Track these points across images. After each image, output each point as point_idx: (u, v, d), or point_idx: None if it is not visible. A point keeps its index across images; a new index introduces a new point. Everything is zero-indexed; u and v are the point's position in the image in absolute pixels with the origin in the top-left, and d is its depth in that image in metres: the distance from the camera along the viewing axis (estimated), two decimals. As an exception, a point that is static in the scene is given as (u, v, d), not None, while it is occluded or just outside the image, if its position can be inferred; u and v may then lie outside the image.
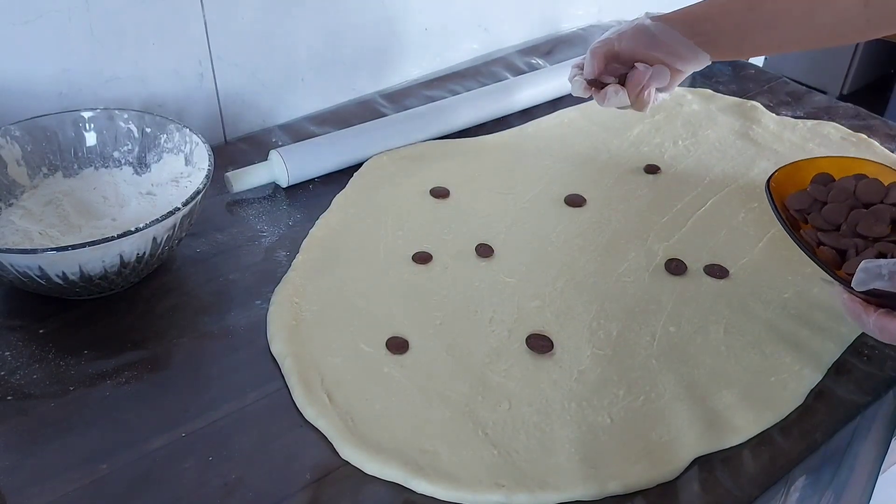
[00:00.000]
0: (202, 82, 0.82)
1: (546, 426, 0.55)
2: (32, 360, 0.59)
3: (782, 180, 0.67)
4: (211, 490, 0.51)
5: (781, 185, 0.66)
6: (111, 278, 0.61)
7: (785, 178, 0.67)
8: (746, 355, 0.60)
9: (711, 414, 0.56)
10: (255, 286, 0.66)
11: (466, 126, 0.86)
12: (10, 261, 0.56)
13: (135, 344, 0.61)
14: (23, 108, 0.71)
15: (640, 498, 0.51)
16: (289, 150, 0.77)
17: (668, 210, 0.75)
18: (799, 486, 0.58)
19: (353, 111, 0.90)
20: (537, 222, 0.73)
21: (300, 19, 0.85)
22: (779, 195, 0.65)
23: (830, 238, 0.61)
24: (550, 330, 0.62)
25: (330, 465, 0.53)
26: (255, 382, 0.58)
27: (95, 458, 0.52)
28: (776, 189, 0.65)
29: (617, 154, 0.83)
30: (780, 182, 0.66)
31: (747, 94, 0.95)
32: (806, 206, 0.65)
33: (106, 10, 0.73)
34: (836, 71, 2.34)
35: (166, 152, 0.70)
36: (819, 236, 0.62)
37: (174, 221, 0.60)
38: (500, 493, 0.50)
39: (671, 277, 0.67)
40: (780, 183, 0.66)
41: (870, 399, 0.58)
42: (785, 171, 0.68)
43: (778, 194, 0.65)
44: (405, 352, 0.60)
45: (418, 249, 0.69)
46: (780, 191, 0.66)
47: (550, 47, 1.04)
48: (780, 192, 0.66)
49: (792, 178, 0.67)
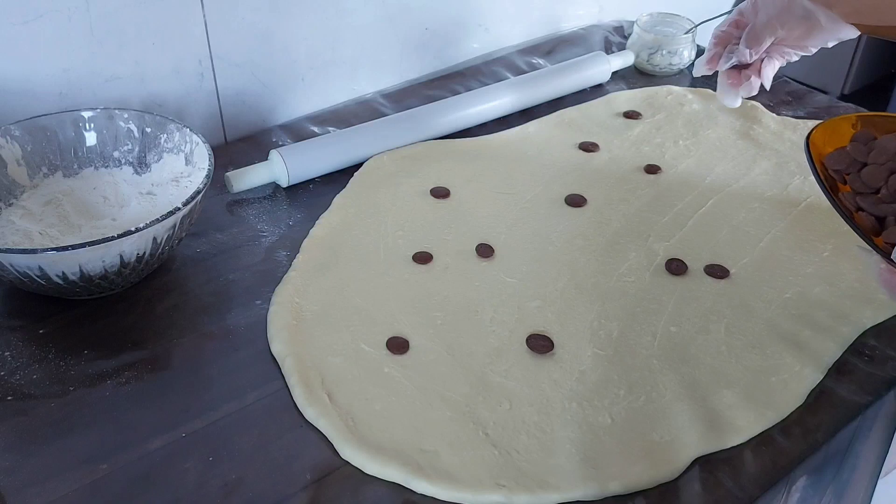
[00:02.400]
0: (202, 82, 0.82)
1: (546, 426, 0.55)
2: (32, 360, 0.59)
3: (823, 137, 0.62)
4: (211, 490, 0.51)
5: (822, 142, 0.61)
6: (111, 278, 0.60)
7: (826, 134, 0.62)
8: (747, 355, 0.60)
9: (712, 414, 0.56)
10: (255, 286, 0.66)
11: (466, 126, 0.86)
12: (10, 261, 0.56)
13: (135, 344, 0.61)
14: (23, 108, 0.71)
15: (640, 498, 0.51)
16: (289, 149, 0.77)
17: (669, 210, 0.75)
18: (800, 487, 0.58)
19: (353, 111, 0.90)
20: (538, 222, 0.73)
21: (300, 19, 0.85)
22: (818, 153, 0.60)
23: (869, 203, 0.57)
24: (551, 330, 0.62)
25: (330, 465, 0.52)
26: (256, 382, 0.58)
27: (95, 458, 0.52)
28: (815, 146, 0.60)
29: (617, 154, 0.83)
30: (821, 139, 0.61)
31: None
32: (844, 167, 0.60)
33: (106, 10, 0.72)
34: (837, 71, 2.34)
35: (166, 152, 0.70)
36: (858, 200, 0.58)
37: (174, 221, 0.60)
38: (500, 493, 0.50)
39: (672, 277, 0.67)
40: (820, 140, 0.61)
41: (871, 399, 0.58)
42: (826, 127, 0.63)
43: (817, 151, 0.60)
44: (405, 352, 0.60)
45: (419, 249, 0.69)
46: (820, 148, 0.61)
47: (551, 47, 1.04)
48: (820, 150, 0.61)
49: (834, 134, 0.62)
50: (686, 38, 0.98)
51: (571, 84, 0.93)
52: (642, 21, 0.99)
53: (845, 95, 2.33)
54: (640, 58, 0.99)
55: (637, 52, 0.99)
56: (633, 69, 1.00)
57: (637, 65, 1.00)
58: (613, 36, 1.07)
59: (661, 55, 0.98)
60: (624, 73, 0.99)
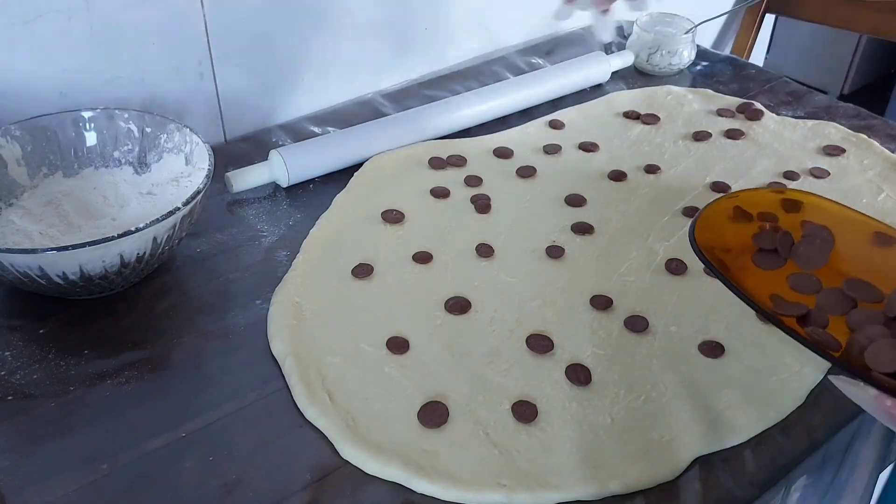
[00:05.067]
0: (202, 82, 0.82)
1: (547, 426, 0.55)
2: (32, 360, 0.59)
3: (705, 233, 0.57)
4: (211, 490, 0.51)
5: (705, 237, 0.57)
6: (111, 278, 0.60)
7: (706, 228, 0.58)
8: (747, 355, 0.60)
9: (712, 413, 0.56)
10: (255, 286, 0.66)
11: (466, 126, 0.86)
12: (10, 261, 0.56)
13: (135, 344, 0.61)
14: (23, 108, 0.70)
15: (640, 497, 0.51)
16: (289, 149, 0.77)
17: (669, 210, 0.75)
18: (800, 486, 0.58)
19: (353, 111, 0.90)
20: (538, 222, 0.73)
21: (300, 19, 0.85)
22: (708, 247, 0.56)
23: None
24: (551, 329, 0.62)
25: (330, 465, 0.52)
26: (255, 382, 0.58)
27: (95, 458, 0.52)
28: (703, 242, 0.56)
29: (617, 154, 0.83)
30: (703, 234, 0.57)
31: (748, 94, 0.95)
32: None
33: (106, 10, 0.72)
34: (837, 71, 2.34)
35: (166, 152, 0.70)
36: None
37: (174, 221, 0.60)
38: (500, 492, 0.50)
39: (672, 277, 0.67)
40: (702, 236, 0.57)
41: (871, 399, 0.58)
42: (703, 220, 0.58)
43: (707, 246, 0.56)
44: (405, 352, 0.60)
45: (419, 249, 0.69)
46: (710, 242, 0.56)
47: (550, 47, 1.04)
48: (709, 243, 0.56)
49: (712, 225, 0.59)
50: (686, 38, 0.98)
51: (571, 84, 0.93)
52: (642, 21, 1.00)
53: (845, 95, 2.34)
54: (640, 58, 0.99)
55: (637, 52, 0.99)
56: (633, 69, 1.00)
57: (637, 65, 1.00)
58: (613, 36, 1.07)
59: (661, 55, 0.98)
60: (624, 73, 0.99)
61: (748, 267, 0.59)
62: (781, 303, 0.55)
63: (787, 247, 0.60)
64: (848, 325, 0.53)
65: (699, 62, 1.02)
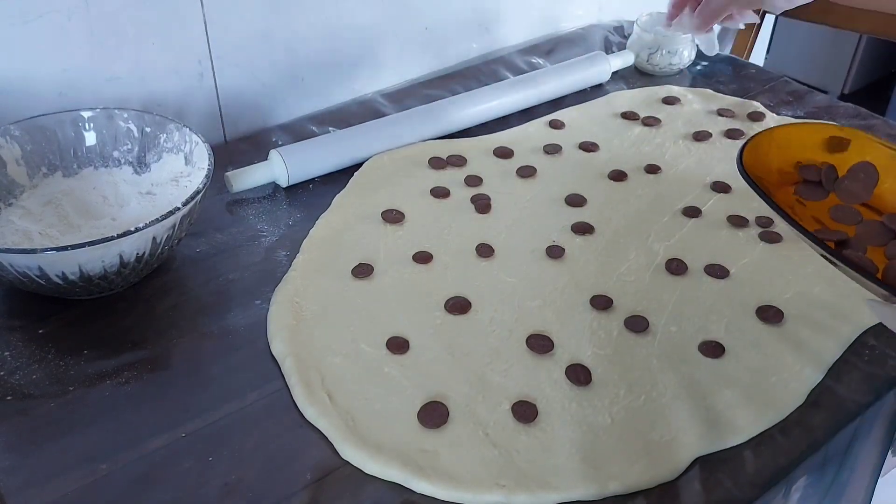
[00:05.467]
0: (202, 82, 0.82)
1: (547, 426, 0.55)
2: (32, 360, 0.59)
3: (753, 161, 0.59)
4: (211, 490, 0.51)
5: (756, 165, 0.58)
6: (111, 278, 0.60)
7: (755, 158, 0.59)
8: (747, 355, 0.60)
9: (712, 414, 0.56)
10: (255, 286, 0.66)
11: (466, 126, 0.86)
12: (10, 261, 0.56)
13: (135, 344, 0.60)
14: (23, 107, 0.70)
15: (640, 498, 0.51)
16: (289, 149, 0.77)
17: (669, 210, 0.75)
18: (800, 486, 0.58)
19: (353, 111, 0.90)
20: (538, 222, 0.73)
21: (300, 19, 0.85)
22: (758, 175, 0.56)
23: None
24: (551, 329, 0.62)
25: (330, 465, 0.52)
26: (255, 382, 0.58)
27: (95, 458, 0.52)
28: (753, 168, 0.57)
29: (617, 154, 0.83)
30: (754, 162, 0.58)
31: (748, 94, 0.95)
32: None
33: (106, 10, 0.72)
34: (837, 71, 2.34)
35: (166, 152, 0.70)
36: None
37: (174, 221, 0.60)
38: (500, 493, 0.50)
39: (672, 277, 0.67)
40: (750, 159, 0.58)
41: (871, 399, 0.58)
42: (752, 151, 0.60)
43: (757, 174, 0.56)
44: (405, 352, 0.60)
45: (418, 249, 0.69)
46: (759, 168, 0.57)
47: (551, 47, 1.04)
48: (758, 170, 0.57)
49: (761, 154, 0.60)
50: (686, 38, 0.98)
51: (571, 84, 0.93)
52: (642, 21, 1.00)
53: (845, 95, 2.34)
54: (640, 58, 0.99)
55: (637, 52, 0.99)
56: (633, 69, 1.00)
57: (637, 65, 1.00)
58: (613, 36, 1.07)
59: (661, 55, 0.98)
60: (624, 73, 0.99)
61: (791, 197, 0.61)
62: (821, 230, 0.57)
63: (831, 180, 0.61)
64: (886, 255, 0.55)
65: (699, 62, 1.02)
